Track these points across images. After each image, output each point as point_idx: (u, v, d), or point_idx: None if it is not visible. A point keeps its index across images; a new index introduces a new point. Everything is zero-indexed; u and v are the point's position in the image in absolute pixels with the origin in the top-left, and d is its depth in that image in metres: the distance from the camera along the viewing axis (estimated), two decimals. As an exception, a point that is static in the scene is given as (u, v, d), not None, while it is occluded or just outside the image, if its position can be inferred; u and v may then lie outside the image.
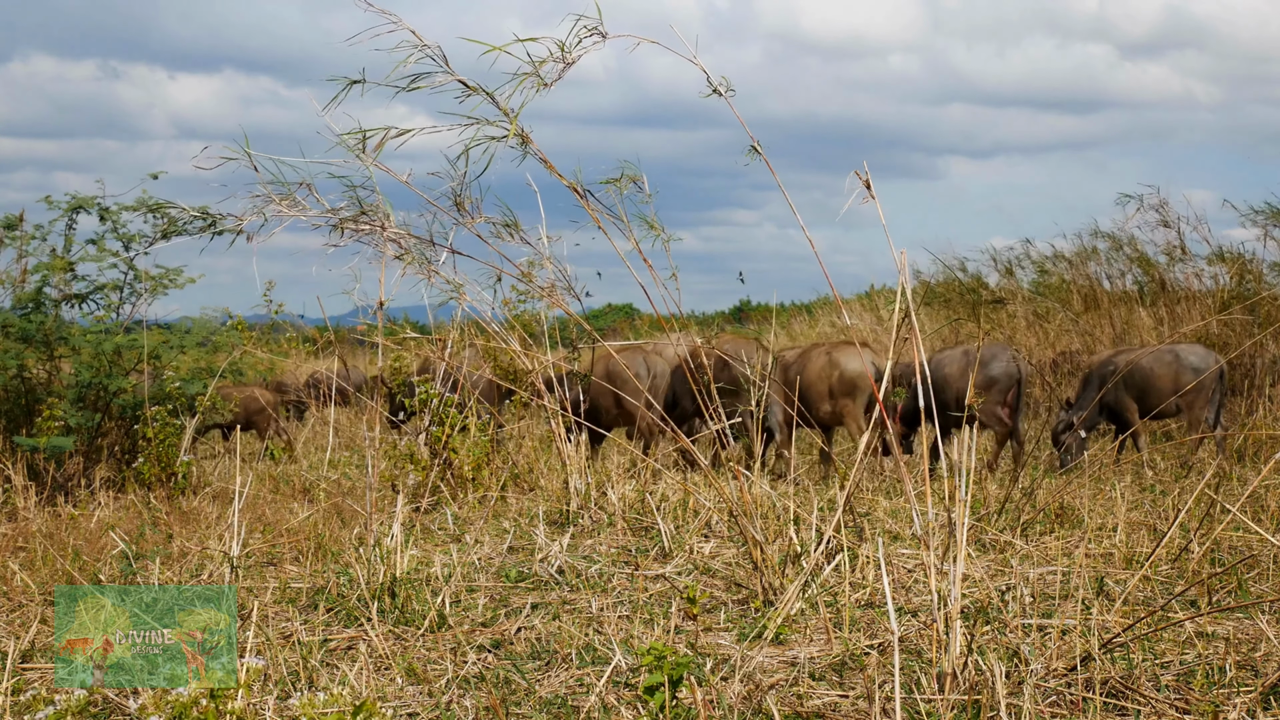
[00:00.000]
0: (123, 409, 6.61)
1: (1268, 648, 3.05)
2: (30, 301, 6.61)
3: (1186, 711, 2.68)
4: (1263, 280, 10.47)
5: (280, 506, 5.51)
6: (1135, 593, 3.66)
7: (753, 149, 3.58)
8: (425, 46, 3.62)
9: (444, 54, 3.64)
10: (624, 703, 2.85)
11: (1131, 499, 5.20)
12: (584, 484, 5.19)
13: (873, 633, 3.38)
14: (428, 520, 5.14)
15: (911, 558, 4.21)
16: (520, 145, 3.74)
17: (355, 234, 4.08)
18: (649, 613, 3.64)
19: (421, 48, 3.61)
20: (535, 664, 3.21)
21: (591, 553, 4.42)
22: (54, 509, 5.44)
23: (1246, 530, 4.39)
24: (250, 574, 4.22)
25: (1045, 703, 2.72)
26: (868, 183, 3.08)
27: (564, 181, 3.91)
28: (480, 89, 3.64)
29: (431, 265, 4.33)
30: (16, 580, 4.10)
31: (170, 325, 7.36)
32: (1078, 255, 13.01)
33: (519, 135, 3.70)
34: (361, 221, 4.07)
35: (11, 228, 6.75)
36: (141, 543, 4.64)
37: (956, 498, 2.86)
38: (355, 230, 4.06)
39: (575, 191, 3.92)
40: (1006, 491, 4.97)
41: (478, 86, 3.64)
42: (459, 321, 6.38)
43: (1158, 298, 11.34)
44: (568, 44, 3.53)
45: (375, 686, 3.01)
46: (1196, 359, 7.17)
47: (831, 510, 4.77)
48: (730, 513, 4.17)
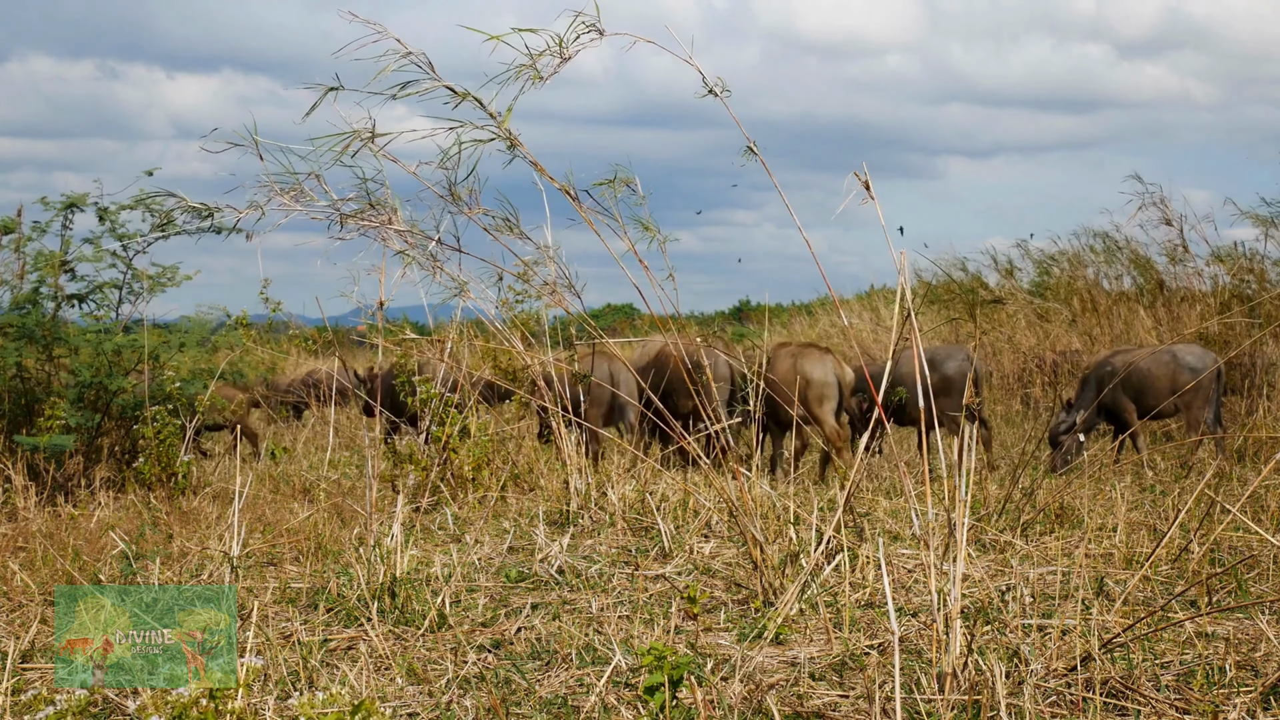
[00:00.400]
0: (123, 409, 6.61)
1: (1268, 648, 3.05)
2: (27, 301, 6.61)
3: (1186, 711, 2.68)
4: (1265, 280, 10.46)
5: (280, 506, 5.51)
6: (1135, 593, 3.67)
7: (749, 149, 3.58)
8: (410, 54, 3.61)
9: (429, 61, 3.63)
10: (624, 703, 2.85)
11: (1131, 499, 5.20)
12: (584, 484, 5.19)
13: (873, 633, 3.38)
14: (428, 520, 5.14)
15: (911, 558, 4.22)
16: (509, 149, 3.74)
17: (361, 227, 4.07)
18: (649, 613, 3.64)
19: (406, 55, 3.61)
20: (535, 664, 3.21)
21: (591, 553, 4.42)
22: (54, 509, 5.44)
23: (1246, 530, 4.39)
24: (250, 574, 4.22)
25: (1045, 703, 2.72)
26: (867, 183, 3.08)
27: (555, 184, 3.91)
28: (468, 93, 3.63)
29: (437, 261, 4.32)
30: (16, 580, 4.10)
31: (169, 325, 7.36)
32: (1076, 257, 13.02)
33: (507, 139, 3.70)
34: (368, 215, 4.06)
35: (9, 230, 6.75)
36: (141, 543, 4.64)
37: (956, 498, 2.86)
38: (362, 224, 4.05)
39: (567, 194, 3.92)
40: (1006, 491, 4.97)
41: (465, 91, 3.63)
42: (458, 321, 6.38)
43: (1156, 297, 11.34)
44: (565, 39, 3.52)
45: (375, 686, 3.01)
46: (1194, 359, 7.17)
47: (831, 510, 4.77)
48: (730, 513, 4.17)
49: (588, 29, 3.52)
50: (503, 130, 3.66)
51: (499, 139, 3.69)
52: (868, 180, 3.09)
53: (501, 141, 3.71)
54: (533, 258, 4.37)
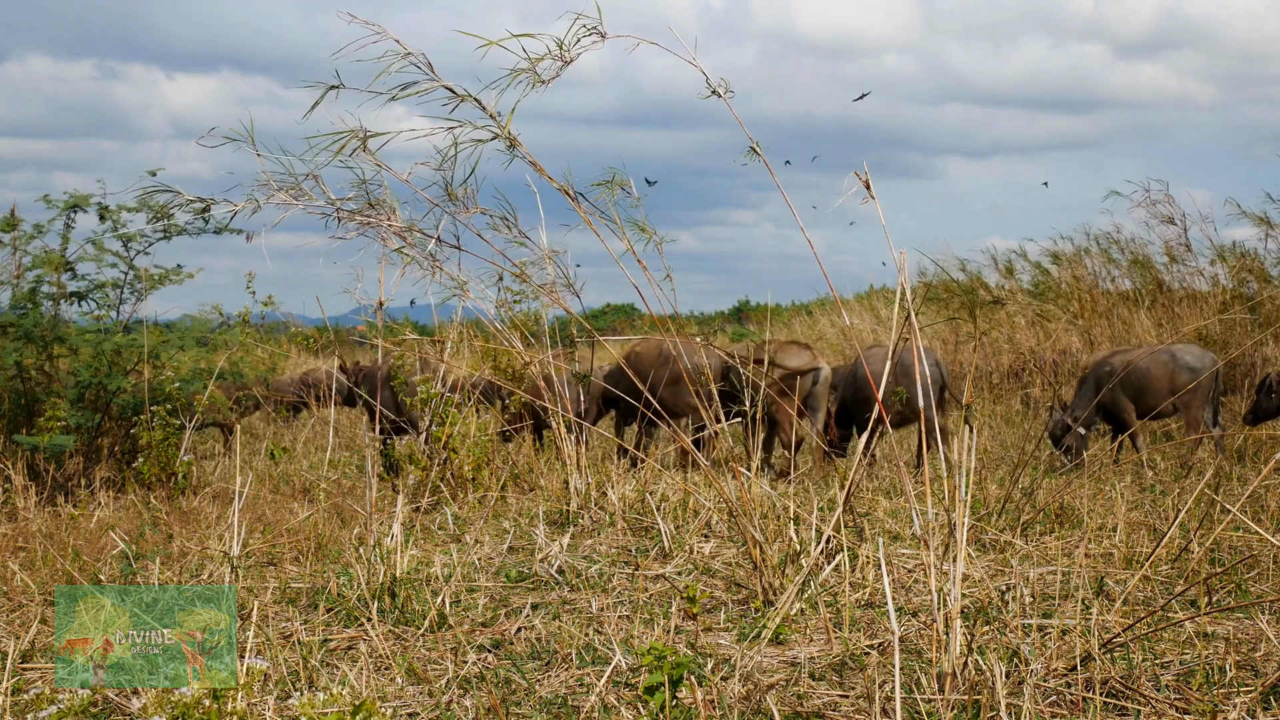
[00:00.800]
0: (122, 409, 6.61)
1: (1267, 648, 3.05)
2: (26, 300, 6.61)
3: (1186, 711, 2.68)
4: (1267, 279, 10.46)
5: (280, 506, 5.51)
6: (1135, 593, 3.67)
7: (752, 150, 3.58)
8: (410, 54, 3.61)
9: (429, 61, 3.63)
10: (624, 703, 2.85)
11: (1131, 499, 5.20)
12: (584, 484, 5.20)
13: (873, 633, 3.39)
14: (428, 520, 5.14)
15: (911, 558, 4.22)
16: (509, 149, 3.73)
17: (360, 226, 4.07)
18: (649, 613, 3.64)
19: (406, 55, 3.61)
20: (535, 664, 3.21)
21: (591, 553, 4.42)
22: (54, 509, 5.44)
23: (1246, 530, 4.39)
24: (250, 574, 4.22)
25: (1045, 703, 2.72)
26: (867, 183, 3.08)
27: (554, 184, 3.91)
28: (469, 94, 3.63)
29: (436, 261, 4.32)
30: (16, 580, 4.10)
31: (170, 324, 7.36)
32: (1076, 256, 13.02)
33: (508, 139, 3.69)
34: (366, 215, 4.06)
35: (9, 229, 6.75)
36: (141, 543, 4.64)
37: (956, 498, 2.86)
38: (361, 223, 4.05)
39: (566, 194, 3.92)
40: (1006, 491, 4.98)
41: (466, 93, 3.63)
42: (458, 321, 6.38)
43: (1156, 297, 11.34)
44: (566, 42, 3.52)
45: (375, 686, 3.01)
46: (1193, 359, 7.15)
47: (831, 510, 4.77)
48: (730, 513, 4.17)
49: (589, 31, 3.51)
50: (504, 132, 3.66)
51: (499, 139, 3.69)
52: (868, 179, 3.09)
53: (500, 142, 3.71)
54: (529, 259, 4.37)
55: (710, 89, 3.58)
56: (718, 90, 3.57)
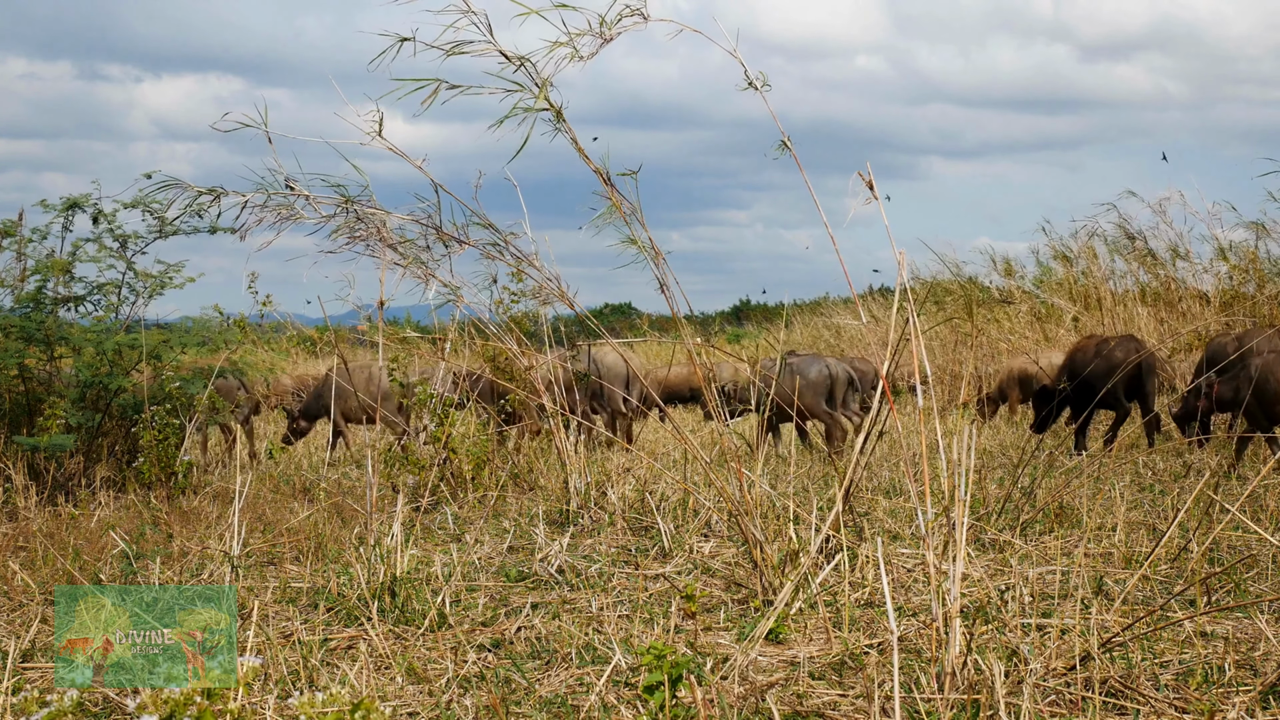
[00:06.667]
0: (123, 409, 6.61)
1: (1267, 647, 3.05)
2: (30, 302, 6.62)
3: (1185, 711, 2.68)
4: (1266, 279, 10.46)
5: (280, 506, 5.52)
6: (1134, 592, 3.67)
7: (783, 144, 3.55)
8: (471, 12, 3.61)
9: (489, 23, 3.63)
10: (624, 702, 2.85)
11: (1131, 499, 5.20)
12: (584, 484, 5.19)
13: (872, 632, 3.39)
14: (428, 520, 5.14)
15: (911, 557, 4.22)
16: (555, 120, 3.71)
17: (350, 241, 4.10)
18: (649, 612, 3.64)
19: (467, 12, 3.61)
20: (535, 663, 3.21)
21: (591, 552, 4.42)
22: (54, 508, 5.45)
23: (1246, 530, 4.39)
24: (250, 574, 4.22)
25: (1045, 702, 2.72)
26: (870, 183, 3.08)
27: (591, 167, 3.87)
28: (524, 59, 3.61)
29: (428, 269, 4.33)
30: (17, 580, 4.10)
31: (170, 325, 7.36)
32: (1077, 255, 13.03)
33: (555, 111, 3.68)
34: (357, 230, 4.08)
35: (9, 233, 6.76)
36: (142, 542, 4.65)
37: (956, 497, 2.86)
38: (351, 238, 4.08)
39: (601, 178, 3.87)
40: (1006, 491, 4.98)
41: (522, 57, 3.62)
42: (458, 322, 6.38)
43: (1158, 297, 11.34)
44: (609, 19, 3.50)
45: (375, 686, 3.01)
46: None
47: (831, 509, 4.77)
48: (730, 512, 4.18)
49: (632, 12, 3.49)
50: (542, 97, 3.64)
51: (540, 101, 3.66)
52: (871, 180, 3.09)
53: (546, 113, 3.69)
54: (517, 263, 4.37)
55: (748, 82, 3.56)
56: (755, 83, 3.55)
